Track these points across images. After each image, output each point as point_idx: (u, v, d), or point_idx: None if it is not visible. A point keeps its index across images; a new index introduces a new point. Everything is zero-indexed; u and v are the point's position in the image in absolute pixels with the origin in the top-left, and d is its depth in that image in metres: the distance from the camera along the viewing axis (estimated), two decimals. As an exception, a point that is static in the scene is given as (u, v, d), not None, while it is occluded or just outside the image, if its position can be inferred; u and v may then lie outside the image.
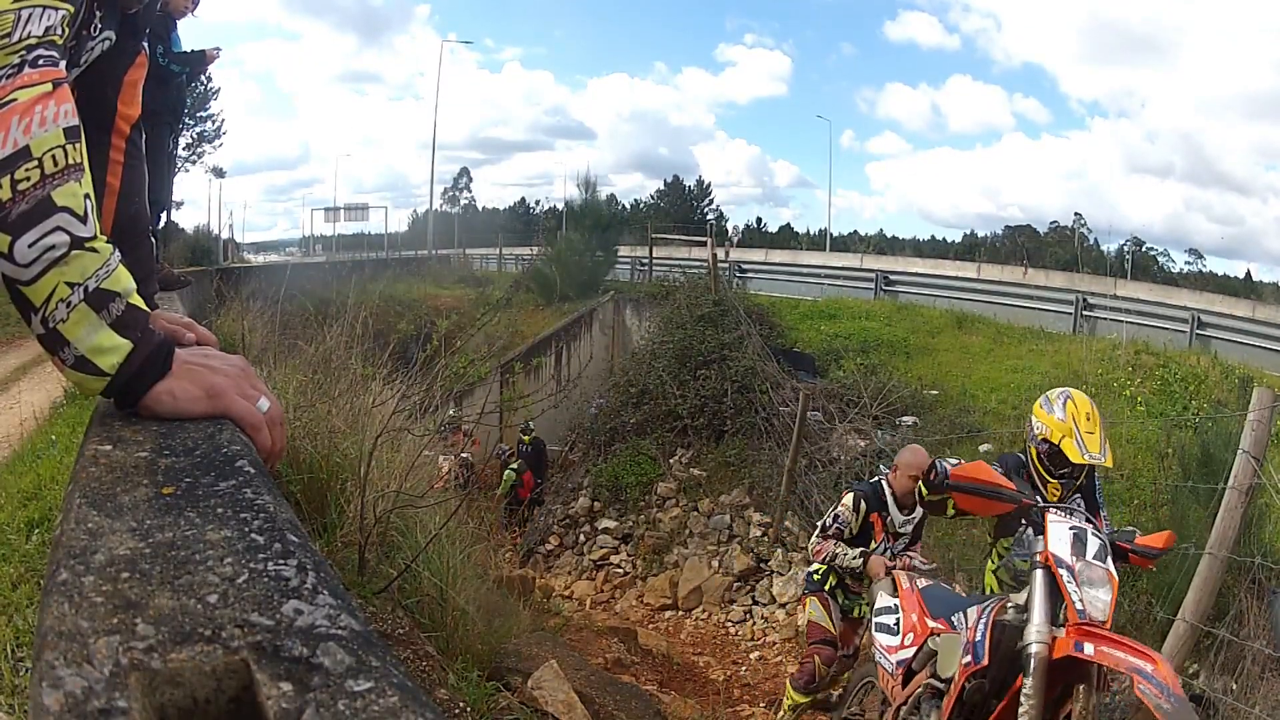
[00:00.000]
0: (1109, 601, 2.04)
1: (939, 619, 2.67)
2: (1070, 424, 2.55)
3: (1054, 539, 2.16)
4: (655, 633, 6.38)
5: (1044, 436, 2.64)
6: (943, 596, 2.86)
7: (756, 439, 8.05)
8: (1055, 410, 2.62)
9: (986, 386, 8.94)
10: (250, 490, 0.59)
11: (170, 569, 0.46)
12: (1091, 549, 2.14)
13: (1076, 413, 2.57)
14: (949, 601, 2.77)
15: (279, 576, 0.47)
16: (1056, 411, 2.61)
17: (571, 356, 14.02)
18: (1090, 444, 2.51)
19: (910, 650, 2.74)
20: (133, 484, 0.58)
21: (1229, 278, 30.19)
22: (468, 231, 33.51)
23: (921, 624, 2.74)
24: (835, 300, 13.10)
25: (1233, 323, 9.76)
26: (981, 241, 39.20)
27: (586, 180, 18.30)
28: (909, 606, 2.87)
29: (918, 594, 2.89)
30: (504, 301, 13.08)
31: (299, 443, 2.46)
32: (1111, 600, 2.05)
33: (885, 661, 2.87)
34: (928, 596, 2.85)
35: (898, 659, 2.80)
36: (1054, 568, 2.10)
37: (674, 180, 43.86)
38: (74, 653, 0.38)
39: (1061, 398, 2.64)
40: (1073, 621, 2.03)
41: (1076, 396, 2.63)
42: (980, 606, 2.40)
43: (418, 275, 17.54)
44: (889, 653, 2.86)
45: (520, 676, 2.56)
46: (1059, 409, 2.62)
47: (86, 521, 0.52)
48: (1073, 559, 2.10)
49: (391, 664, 0.41)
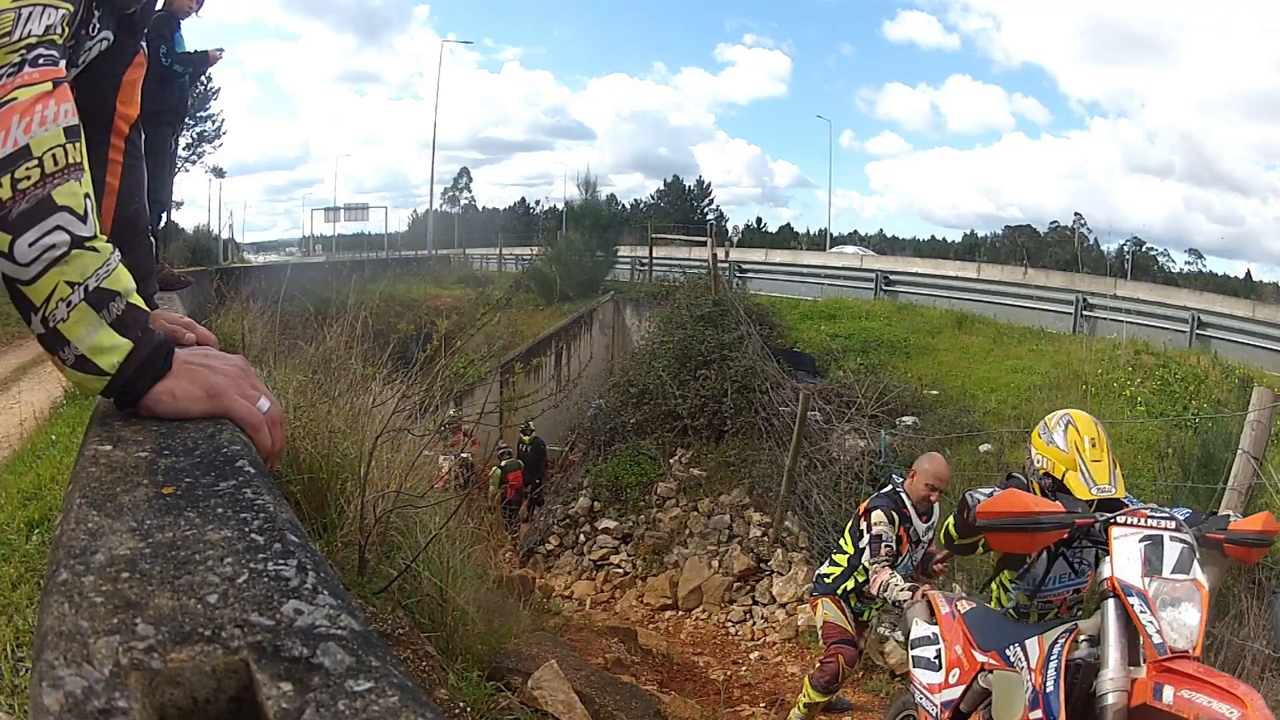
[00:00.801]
0: (1196, 623, 1.74)
1: (989, 651, 2.29)
2: (1074, 455, 2.28)
3: (1120, 560, 1.85)
4: (655, 633, 6.38)
5: (1045, 470, 2.37)
6: (991, 623, 2.45)
7: (756, 439, 8.05)
8: (1056, 439, 2.35)
9: (986, 386, 8.94)
10: (250, 490, 0.59)
11: (170, 569, 0.46)
12: (1170, 558, 1.82)
13: (1079, 440, 2.30)
14: (999, 629, 2.38)
15: (279, 576, 0.47)
16: (1057, 440, 2.35)
17: (571, 356, 14.02)
18: (1098, 474, 2.22)
19: (957, 689, 2.37)
20: (133, 484, 0.58)
21: (1229, 278, 30.30)
22: (468, 231, 33.61)
23: (969, 657, 2.37)
24: (835, 300, 13.10)
25: (1233, 323, 9.75)
26: (981, 241, 39.35)
27: (586, 180, 18.37)
28: (951, 636, 2.48)
29: (961, 620, 2.49)
30: (504, 301, 13.07)
31: (299, 443, 2.46)
32: (1200, 620, 1.75)
33: (927, 702, 2.50)
34: (973, 623, 2.46)
35: (943, 699, 2.42)
36: (1123, 597, 1.80)
37: (674, 180, 43.97)
38: (74, 653, 0.38)
39: (1062, 424, 2.36)
40: (1151, 658, 1.73)
41: (1079, 420, 2.36)
42: (1042, 637, 2.07)
43: (418, 275, 17.55)
44: (931, 692, 2.48)
45: (520, 676, 2.56)
46: (1059, 437, 2.34)
47: (86, 521, 0.52)
48: (1144, 581, 1.79)
49: (391, 664, 0.41)
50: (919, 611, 2.75)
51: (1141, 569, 1.81)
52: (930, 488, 3.74)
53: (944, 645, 2.49)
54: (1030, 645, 2.10)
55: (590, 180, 18.37)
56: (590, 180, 18.37)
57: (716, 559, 7.30)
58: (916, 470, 3.81)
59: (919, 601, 2.83)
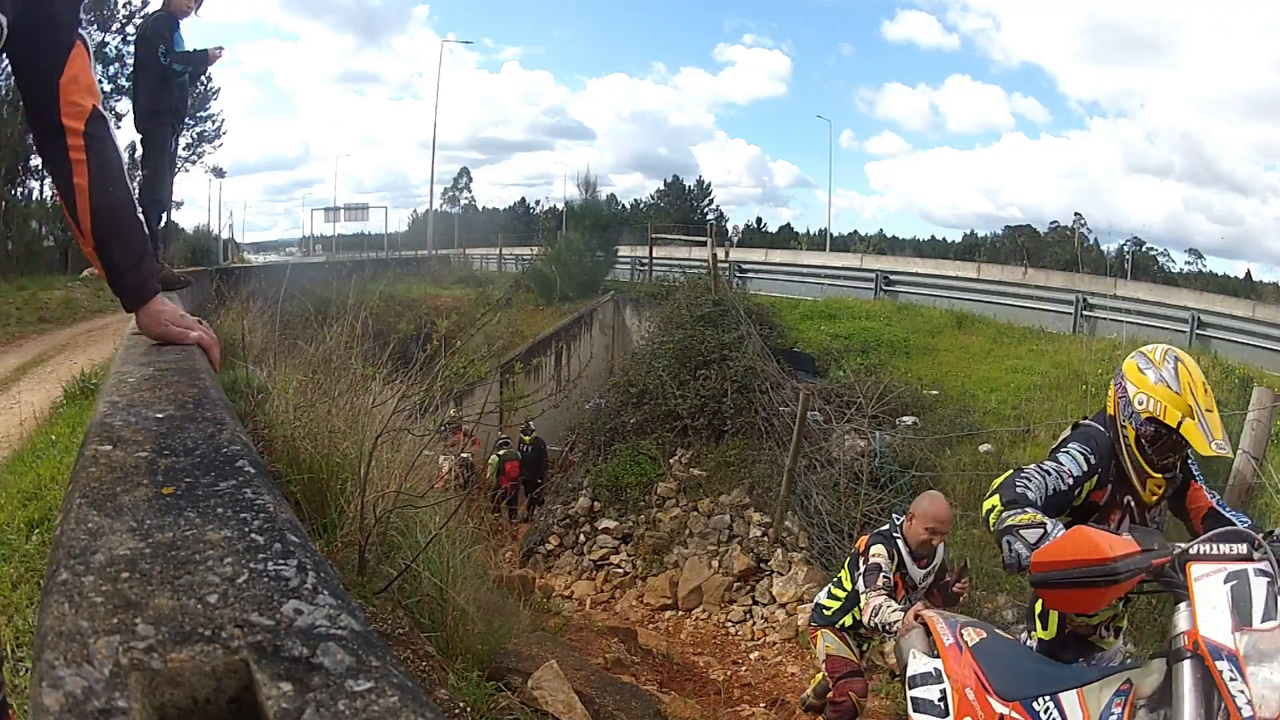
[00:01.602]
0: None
1: (1011, 702, 1.83)
2: (1188, 399, 1.83)
3: (1204, 609, 1.48)
4: (655, 633, 6.38)
5: (1150, 414, 1.89)
6: (1011, 661, 1.96)
7: (756, 439, 8.05)
8: (1166, 376, 1.88)
9: (986, 386, 8.94)
10: (250, 490, 0.59)
11: (170, 569, 0.46)
12: (1259, 601, 1.46)
13: (1192, 381, 1.86)
14: (1022, 671, 1.91)
15: (279, 576, 0.47)
16: (1168, 378, 1.87)
17: (571, 356, 14.02)
18: (1214, 427, 1.81)
19: None
20: (133, 484, 0.58)
21: (1229, 278, 30.30)
22: (468, 231, 33.63)
23: (984, 707, 1.88)
24: (835, 300, 13.10)
25: (1233, 323, 9.75)
26: (981, 241, 39.37)
27: (586, 180, 18.42)
28: (960, 677, 1.99)
29: (970, 656, 2.00)
30: (504, 301, 13.08)
31: (299, 443, 2.47)
32: None
33: None
34: (987, 660, 1.96)
35: None
36: (1209, 660, 1.44)
37: (674, 180, 44.00)
38: (74, 653, 0.38)
39: (1170, 360, 1.91)
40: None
41: (1186, 360, 1.91)
42: (1082, 691, 1.69)
43: (418, 275, 17.57)
44: None
45: (520, 676, 2.56)
46: (1170, 374, 1.87)
47: (86, 521, 0.52)
48: (1236, 637, 1.44)
49: (391, 664, 0.41)
50: (916, 641, 2.26)
51: (1231, 621, 1.46)
52: (931, 531, 3.44)
53: (950, 687, 2.01)
54: (1068, 702, 1.69)
55: (590, 180, 18.45)
56: (590, 180, 18.45)
57: (716, 559, 7.30)
58: (915, 512, 3.50)
59: (914, 626, 2.34)
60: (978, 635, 2.05)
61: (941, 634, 2.12)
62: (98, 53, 17.07)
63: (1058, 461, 1.93)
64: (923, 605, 2.63)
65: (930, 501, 3.50)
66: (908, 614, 2.59)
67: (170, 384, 0.96)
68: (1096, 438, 1.99)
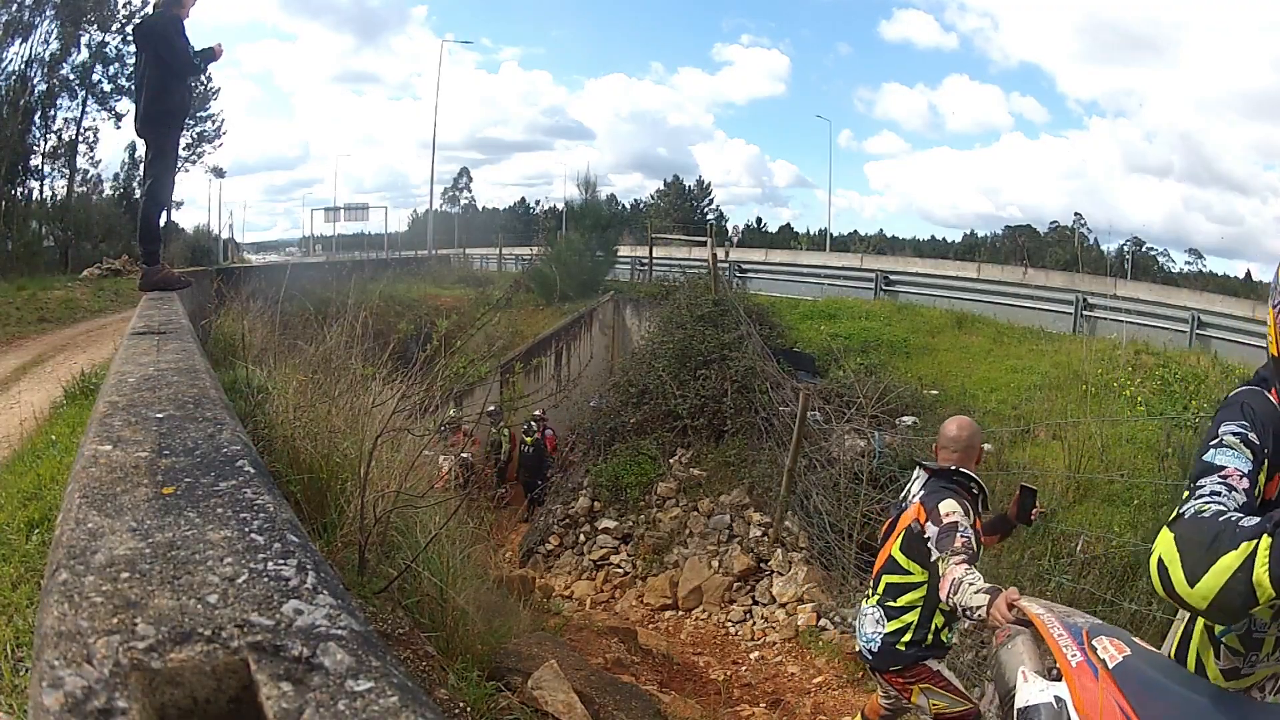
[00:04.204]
0: None
1: None
2: None
3: None
4: (655, 633, 6.37)
5: None
6: (1170, 695, 1.38)
7: (756, 439, 8.05)
8: None
9: (986, 386, 8.95)
10: (250, 490, 0.59)
11: (170, 569, 0.46)
12: None
13: None
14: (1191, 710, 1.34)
15: (279, 576, 0.47)
16: None
17: (571, 356, 14.02)
18: None
19: None
20: (133, 484, 0.58)
21: (1229, 278, 30.28)
22: (468, 231, 33.67)
23: None
24: (835, 300, 13.10)
25: (1233, 323, 9.74)
26: (981, 241, 39.35)
27: (586, 180, 18.40)
28: (1097, 712, 1.40)
29: (1112, 682, 1.41)
30: (504, 301, 13.08)
31: (299, 443, 2.47)
32: None
33: None
34: (1136, 691, 1.39)
35: None
36: None
37: (674, 180, 43.96)
38: (74, 653, 0.38)
39: None
40: None
41: None
42: None
43: (418, 275, 17.56)
44: None
45: (520, 676, 2.56)
46: None
47: (86, 521, 0.52)
48: None
49: (391, 664, 0.41)
50: (1024, 654, 1.66)
51: None
52: (957, 453, 2.79)
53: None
54: None
55: (590, 180, 18.42)
56: (590, 180, 18.42)
57: (716, 559, 7.30)
58: (938, 445, 2.88)
59: (1021, 632, 1.75)
60: (1118, 651, 1.45)
61: (1062, 646, 1.51)
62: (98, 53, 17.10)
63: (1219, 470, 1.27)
64: (1016, 592, 1.96)
65: (944, 424, 2.90)
66: (998, 601, 1.97)
67: (170, 384, 0.96)
68: (1250, 402, 1.36)
